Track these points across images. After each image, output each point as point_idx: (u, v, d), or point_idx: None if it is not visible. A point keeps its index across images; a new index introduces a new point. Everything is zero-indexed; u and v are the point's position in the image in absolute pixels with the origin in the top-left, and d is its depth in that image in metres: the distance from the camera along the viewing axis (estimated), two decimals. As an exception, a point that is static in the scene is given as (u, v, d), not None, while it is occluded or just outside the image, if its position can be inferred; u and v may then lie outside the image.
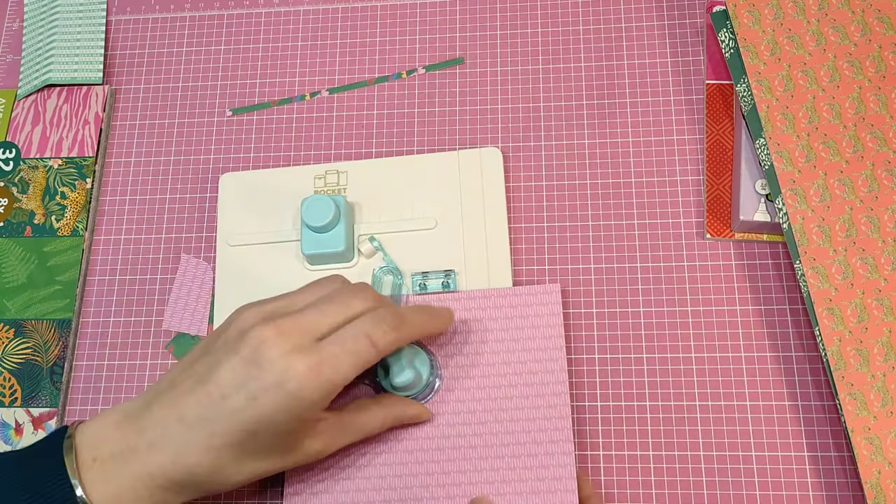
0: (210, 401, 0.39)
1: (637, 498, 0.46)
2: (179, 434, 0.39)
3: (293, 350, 0.39)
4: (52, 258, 0.53)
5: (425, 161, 0.53)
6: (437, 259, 0.50)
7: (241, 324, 0.40)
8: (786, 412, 0.47)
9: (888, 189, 0.45)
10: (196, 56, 0.58)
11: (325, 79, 0.57)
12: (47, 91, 0.57)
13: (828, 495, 0.45)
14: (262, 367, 0.38)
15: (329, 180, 0.53)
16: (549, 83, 0.55)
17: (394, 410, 0.45)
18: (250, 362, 0.39)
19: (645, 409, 0.47)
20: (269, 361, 0.38)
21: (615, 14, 0.56)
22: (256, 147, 0.55)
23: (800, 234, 0.45)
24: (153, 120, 0.57)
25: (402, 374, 0.44)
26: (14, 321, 0.52)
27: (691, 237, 0.50)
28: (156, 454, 0.39)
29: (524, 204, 0.52)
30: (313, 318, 0.40)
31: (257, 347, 0.39)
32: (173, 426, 0.39)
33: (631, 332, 0.49)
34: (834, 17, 0.49)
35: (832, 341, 0.43)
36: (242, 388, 0.38)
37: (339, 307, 0.41)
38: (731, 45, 0.50)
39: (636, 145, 0.53)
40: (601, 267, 0.50)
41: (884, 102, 0.47)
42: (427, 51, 0.57)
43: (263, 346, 0.39)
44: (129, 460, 0.39)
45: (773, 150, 0.46)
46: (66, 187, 0.55)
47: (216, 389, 0.39)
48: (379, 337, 0.41)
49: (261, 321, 0.40)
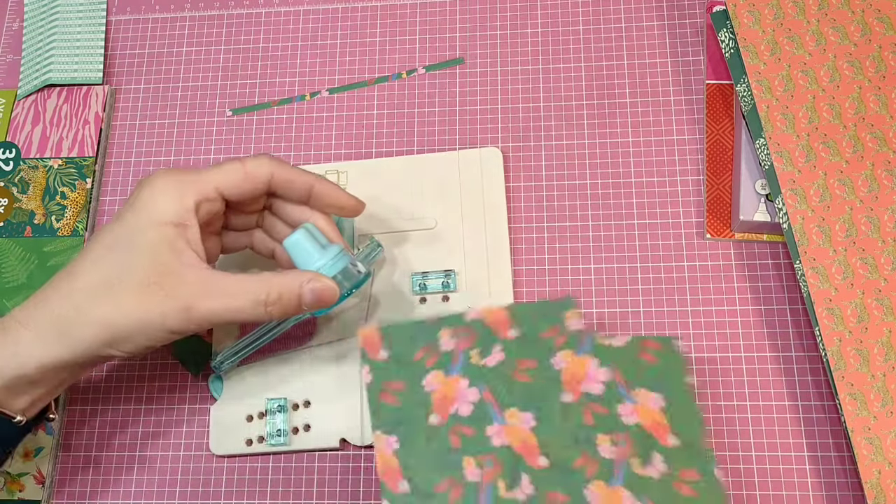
0: (90, 241, 0.40)
1: (637, 498, 0.46)
2: (53, 278, 0.40)
3: (163, 171, 0.41)
4: (52, 258, 0.53)
5: (425, 161, 0.53)
6: (436, 259, 0.50)
7: None
8: (786, 412, 0.47)
9: (888, 189, 0.45)
10: (196, 56, 0.58)
11: (325, 79, 0.57)
12: (47, 91, 0.57)
13: (828, 495, 0.45)
14: (134, 194, 0.40)
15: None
16: (549, 83, 0.55)
17: (282, 277, 0.40)
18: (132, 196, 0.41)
19: (645, 409, 0.47)
20: (140, 183, 0.41)
21: (615, 14, 0.56)
22: (256, 147, 0.55)
23: (800, 234, 0.45)
24: (153, 120, 0.57)
25: (294, 235, 0.42)
26: (14, 321, 0.52)
27: (691, 237, 0.50)
28: (27, 301, 0.40)
29: (524, 204, 0.52)
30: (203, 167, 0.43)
31: (141, 182, 0.41)
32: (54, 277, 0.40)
33: (631, 333, 0.49)
34: (834, 17, 0.49)
35: (832, 341, 0.43)
36: (115, 217, 0.40)
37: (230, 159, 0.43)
38: (731, 45, 0.50)
39: (636, 145, 0.53)
40: (601, 267, 0.50)
41: (884, 102, 0.47)
42: (427, 51, 0.57)
43: (143, 179, 0.41)
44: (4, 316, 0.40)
45: (773, 150, 0.46)
46: (66, 187, 0.55)
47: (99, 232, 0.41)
48: (249, 159, 0.41)
49: None
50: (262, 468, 0.48)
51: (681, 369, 0.42)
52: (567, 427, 0.41)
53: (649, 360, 0.42)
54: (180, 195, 0.39)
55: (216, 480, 0.48)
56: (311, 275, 0.41)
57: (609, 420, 0.41)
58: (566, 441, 0.41)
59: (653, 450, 0.40)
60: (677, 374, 0.42)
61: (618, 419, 0.41)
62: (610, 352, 0.43)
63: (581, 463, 0.40)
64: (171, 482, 0.48)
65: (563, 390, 0.42)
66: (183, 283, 0.39)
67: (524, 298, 0.50)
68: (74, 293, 0.39)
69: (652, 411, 0.41)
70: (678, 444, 0.41)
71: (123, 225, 0.39)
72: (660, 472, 0.40)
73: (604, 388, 0.42)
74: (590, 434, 0.41)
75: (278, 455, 0.48)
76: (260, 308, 0.40)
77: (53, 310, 0.39)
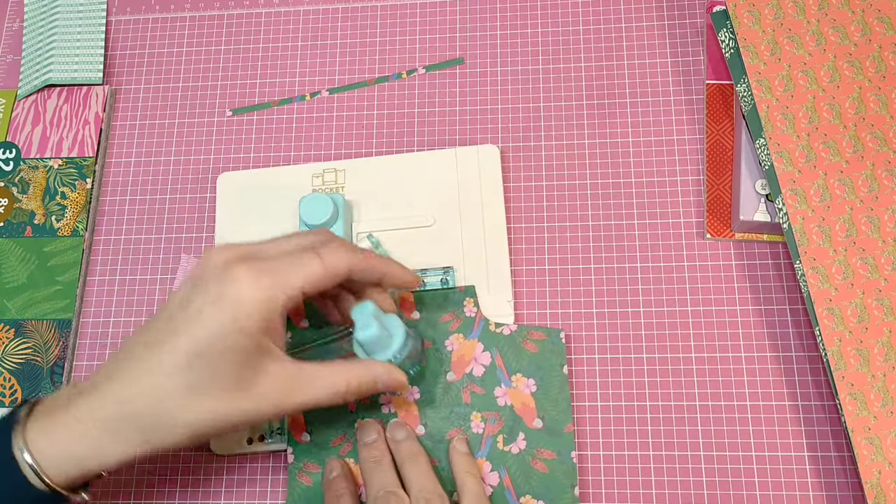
0: (157, 328, 0.38)
1: (637, 498, 0.46)
2: (124, 367, 0.38)
3: (237, 259, 0.38)
4: (52, 258, 0.53)
5: (423, 159, 0.53)
6: (435, 256, 0.50)
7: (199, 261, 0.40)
8: (786, 412, 0.47)
9: (888, 189, 0.45)
10: (196, 56, 0.58)
11: (325, 79, 0.57)
12: (47, 91, 0.57)
13: (828, 495, 0.45)
14: (205, 280, 0.38)
15: (327, 179, 0.53)
16: (549, 83, 0.55)
17: (360, 369, 0.42)
18: (196, 279, 0.38)
19: (645, 409, 0.47)
20: (212, 270, 0.38)
21: (615, 14, 0.56)
22: (256, 147, 0.55)
23: (800, 234, 0.45)
24: (153, 120, 0.57)
25: (367, 328, 0.42)
26: (14, 321, 0.52)
27: (691, 237, 0.50)
28: (97, 392, 0.38)
29: (524, 204, 0.52)
30: (265, 245, 0.41)
31: (203, 265, 0.38)
32: (120, 363, 0.38)
33: (631, 332, 0.49)
34: (834, 17, 0.49)
35: (832, 341, 0.43)
36: (187, 306, 0.37)
37: (294, 238, 0.42)
38: (731, 45, 0.50)
39: (636, 145, 0.53)
40: (601, 267, 0.50)
41: (884, 102, 0.47)
42: (427, 51, 0.57)
43: (208, 261, 0.38)
44: (70, 405, 0.38)
45: (773, 150, 0.46)
46: (67, 187, 0.55)
47: (163, 317, 0.38)
48: (327, 253, 0.40)
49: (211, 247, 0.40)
50: (262, 468, 0.48)
51: (558, 359, 0.47)
52: (446, 402, 0.47)
53: (530, 349, 0.47)
54: (268, 298, 0.38)
55: (216, 480, 0.48)
56: (385, 368, 0.43)
57: (485, 400, 0.47)
58: (442, 414, 0.46)
59: (518, 429, 0.46)
60: (554, 363, 0.47)
61: (493, 400, 0.47)
62: (496, 338, 0.48)
63: (453, 434, 0.46)
64: (171, 482, 0.48)
65: (450, 370, 0.47)
66: (271, 384, 0.39)
67: (524, 298, 0.50)
68: (163, 401, 0.37)
69: (524, 395, 0.46)
70: (541, 427, 0.46)
71: (207, 328, 0.37)
72: (520, 449, 0.46)
73: (484, 371, 0.47)
74: (466, 411, 0.46)
75: (278, 455, 0.48)
76: (339, 398, 0.41)
77: (140, 416, 0.38)
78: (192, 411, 0.38)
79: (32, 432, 0.38)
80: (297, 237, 0.42)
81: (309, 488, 0.46)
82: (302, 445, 0.47)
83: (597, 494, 0.46)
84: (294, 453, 0.47)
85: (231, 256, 0.38)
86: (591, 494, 0.46)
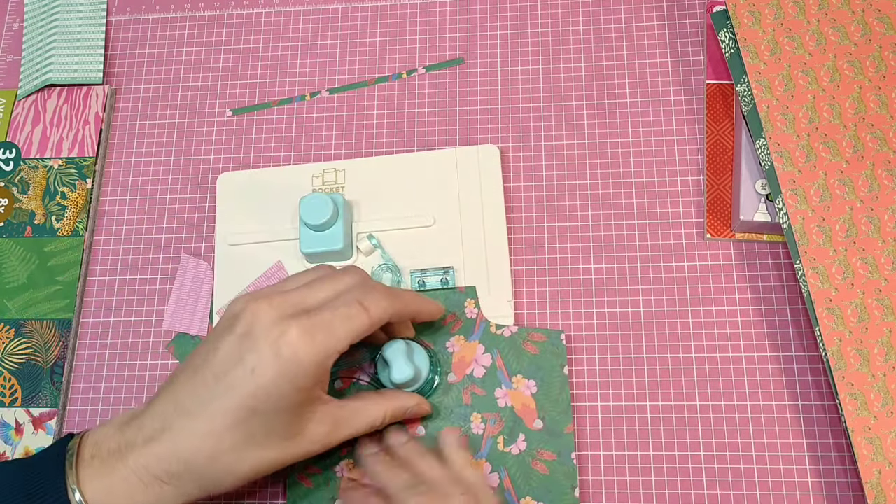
0: (207, 383, 0.38)
1: (637, 498, 0.46)
2: (177, 422, 0.38)
3: (285, 317, 0.39)
4: (52, 258, 0.53)
5: (423, 159, 0.53)
6: (435, 256, 0.50)
7: (234, 308, 0.40)
8: (786, 412, 0.47)
9: (888, 189, 0.45)
10: (196, 56, 0.58)
11: (325, 79, 0.57)
12: (47, 91, 0.57)
13: (828, 495, 0.45)
14: (256, 338, 0.38)
15: (327, 179, 0.53)
16: (549, 83, 0.55)
17: (395, 402, 0.44)
18: (245, 336, 0.38)
19: (645, 409, 0.47)
20: (263, 330, 0.38)
21: (615, 14, 0.56)
22: (256, 147, 0.55)
23: (800, 234, 0.45)
24: (153, 120, 0.57)
25: (403, 370, 0.44)
26: (14, 321, 0.52)
27: (691, 237, 0.50)
28: (154, 445, 0.38)
29: (524, 204, 0.52)
30: (304, 293, 0.41)
31: (251, 322, 0.39)
32: (172, 416, 0.38)
33: (631, 332, 0.49)
34: (834, 17, 0.49)
35: (832, 341, 0.43)
36: (239, 363, 0.38)
37: (329, 283, 0.41)
38: (731, 45, 0.50)
39: (636, 145, 0.53)
40: (601, 267, 0.50)
41: (884, 102, 0.47)
42: (427, 51, 0.57)
43: (256, 318, 0.39)
44: (125, 454, 0.38)
45: (774, 150, 0.46)
46: (67, 187, 0.55)
47: (212, 371, 0.38)
48: (370, 303, 0.40)
49: (252, 300, 0.40)
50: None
51: (558, 360, 0.47)
52: (446, 403, 0.47)
53: (531, 350, 0.47)
54: (323, 356, 0.39)
55: (216, 480, 0.48)
56: (415, 400, 0.45)
57: (485, 401, 0.47)
58: (443, 415, 0.47)
59: (519, 430, 0.46)
60: (554, 364, 0.47)
61: (493, 401, 0.47)
62: (497, 340, 0.48)
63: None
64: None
65: (450, 371, 0.47)
66: (319, 428, 0.41)
67: (524, 298, 0.50)
68: (221, 455, 0.38)
69: (524, 397, 0.47)
70: (541, 428, 0.46)
71: (264, 388, 0.38)
72: (520, 450, 0.46)
73: (485, 372, 0.47)
74: (466, 412, 0.47)
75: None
76: (375, 428, 0.44)
77: (198, 471, 0.38)
78: (248, 462, 0.39)
79: (87, 478, 0.38)
80: (330, 281, 0.42)
81: (309, 490, 0.46)
82: None
83: (597, 494, 0.46)
84: None
85: (279, 315, 0.39)
86: (591, 494, 0.46)
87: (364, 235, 0.51)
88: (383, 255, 0.51)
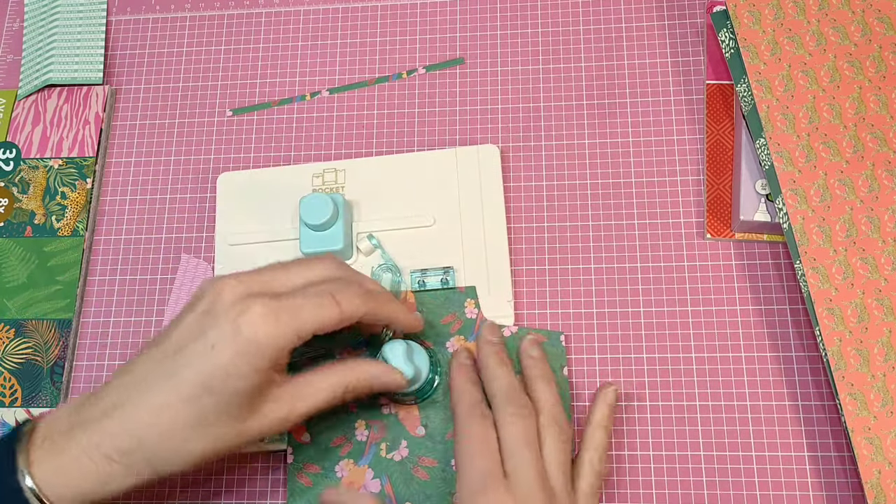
0: (165, 357, 0.38)
1: (637, 498, 0.46)
2: (133, 397, 0.37)
3: (251, 294, 0.38)
4: (52, 258, 0.53)
5: (423, 158, 0.53)
6: (435, 256, 0.50)
7: (202, 285, 0.40)
8: (786, 412, 0.47)
9: (888, 189, 0.45)
10: (196, 56, 0.58)
11: (325, 79, 0.57)
12: (47, 91, 0.57)
13: (828, 495, 0.45)
14: (217, 315, 0.37)
15: (327, 178, 0.53)
16: (549, 83, 0.55)
17: (356, 369, 0.42)
18: (207, 312, 0.38)
19: (645, 409, 0.47)
20: (225, 305, 0.37)
21: (615, 14, 0.56)
22: (256, 147, 0.55)
23: (800, 234, 0.45)
24: (153, 120, 0.57)
25: (403, 370, 0.44)
26: (14, 321, 0.52)
27: (691, 237, 0.50)
28: (107, 422, 0.37)
29: (524, 204, 0.52)
30: (275, 274, 0.40)
31: (214, 299, 0.38)
32: (128, 391, 0.38)
33: (631, 332, 0.49)
34: (834, 17, 0.49)
35: (832, 341, 0.43)
36: (200, 337, 0.37)
37: (301, 268, 0.41)
38: (731, 45, 0.50)
39: (636, 145, 0.53)
40: (601, 267, 0.50)
41: (884, 102, 0.47)
42: (427, 51, 0.57)
43: (220, 295, 0.38)
44: (77, 434, 0.37)
45: (774, 150, 0.46)
46: (67, 187, 0.55)
47: (172, 344, 0.38)
48: (343, 299, 0.40)
49: (220, 278, 0.39)
50: (262, 468, 0.48)
51: (558, 361, 0.47)
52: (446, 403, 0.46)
53: None
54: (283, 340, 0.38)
55: (216, 480, 0.48)
56: (381, 368, 0.43)
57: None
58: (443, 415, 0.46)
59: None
60: (554, 365, 0.47)
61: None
62: None
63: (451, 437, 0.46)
64: (172, 482, 0.48)
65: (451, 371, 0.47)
66: (275, 406, 0.40)
67: (524, 298, 0.50)
68: (172, 434, 0.38)
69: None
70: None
71: (220, 365, 0.37)
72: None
73: None
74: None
75: (278, 455, 0.48)
76: (337, 400, 0.42)
77: (150, 448, 0.38)
78: (200, 441, 0.38)
79: (37, 460, 0.37)
80: (303, 268, 0.41)
81: (309, 489, 0.46)
82: (302, 446, 0.47)
83: (597, 494, 0.46)
84: (294, 453, 0.47)
85: (244, 292, 0.38)
86: (591, 494, 0.46)
87: (364, 235, 0.51)
88: (383, 255, 0.51)
